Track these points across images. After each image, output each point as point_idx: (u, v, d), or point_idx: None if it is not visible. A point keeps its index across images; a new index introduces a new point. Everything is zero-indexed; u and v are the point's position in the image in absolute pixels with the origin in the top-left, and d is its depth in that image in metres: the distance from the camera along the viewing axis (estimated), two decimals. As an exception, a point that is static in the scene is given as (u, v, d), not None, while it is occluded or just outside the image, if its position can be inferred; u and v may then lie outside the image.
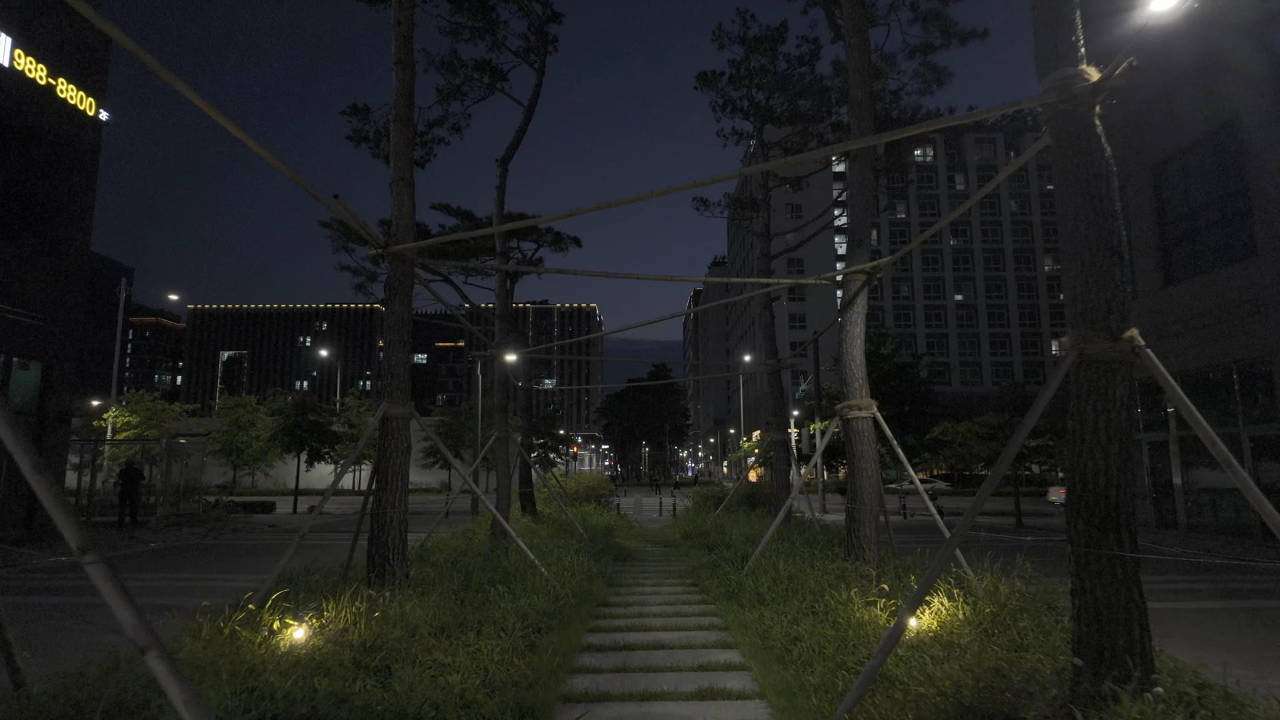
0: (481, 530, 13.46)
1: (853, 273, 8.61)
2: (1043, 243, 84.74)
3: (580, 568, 8.21)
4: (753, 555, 8.39)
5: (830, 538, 12.08)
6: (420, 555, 10.52)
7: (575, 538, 12.37)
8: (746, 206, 17.87)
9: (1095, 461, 4.18)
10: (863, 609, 6.09)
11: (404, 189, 8.13)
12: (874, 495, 8.33)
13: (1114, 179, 4.49)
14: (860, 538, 8.21)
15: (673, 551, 13.08)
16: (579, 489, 20.47)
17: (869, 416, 8.45)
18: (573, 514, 16.99)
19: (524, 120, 14.79)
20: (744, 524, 13.78)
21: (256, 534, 19.25)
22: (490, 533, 12.89)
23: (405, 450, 7.70)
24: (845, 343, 8.64)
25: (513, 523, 15.40)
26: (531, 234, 18.97)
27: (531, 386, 19.02)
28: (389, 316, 7.93)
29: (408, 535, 7.67)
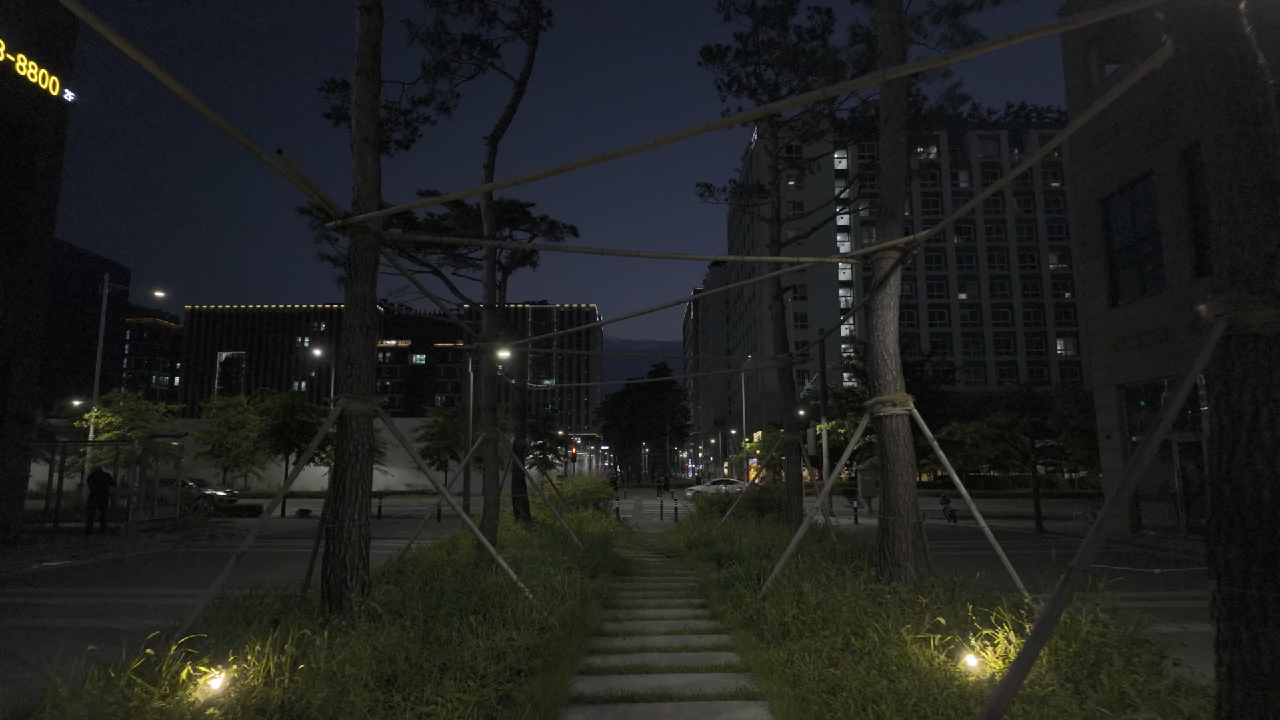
0: (468, 539, 12.37)
1: (884, 249, 7.51)
2: (1047, 241, 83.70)
3: (572, 589, 7.10)
4: (770, 574, 7.27)
5: (850, 548, 10.99)
6: (398, 568, 9.46)
7: (570, 549, 11.27)
8: (753, 192, 16.77)
9: (1256, 469, 3.07)
10: (914, 647, 4.98)
11: (367, 151, 7.03)
12: (911, 504, 7.23)
13: (1271, 94, 3.37)
14: (895, 554, 7.11)
15: (676, 564, 11.97)
16: (575, 492, 19.37)
17: (904, 414, 7.34)
18: (569, 521, 15.90)
19: (514, 96, 13.69)
20: (754, 532, 12.67)
21: (235, 540, 18.15)
22: (476, 542, 11.80)
23: (366, 453, 6.60)
24: (876, 329, 7.54)
25: (504, 530, 14.30)
26: (525, 221, 17.87)
27: (526, 385, 17.92)
28: (349, 297, 6.83)
29: (369, 552, 6.57)
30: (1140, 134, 18.79)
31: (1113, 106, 19.66)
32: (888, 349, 7.46)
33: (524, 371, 17.35)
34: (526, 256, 19.58)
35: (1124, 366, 19.57)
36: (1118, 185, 19.82)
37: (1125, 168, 19.41)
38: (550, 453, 57.87)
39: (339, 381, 6.68)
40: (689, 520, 17.31)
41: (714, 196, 16.86)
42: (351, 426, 6.54)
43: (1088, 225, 21.25)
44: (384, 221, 7.36)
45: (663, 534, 18.32)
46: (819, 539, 12.58)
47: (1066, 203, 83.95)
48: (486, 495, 11.81)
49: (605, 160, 4.81)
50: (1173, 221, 17.80)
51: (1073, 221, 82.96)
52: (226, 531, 20.16)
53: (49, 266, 16.38)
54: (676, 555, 12.82)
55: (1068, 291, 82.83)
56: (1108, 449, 20.48)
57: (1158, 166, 18.17)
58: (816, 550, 10.98)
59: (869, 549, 11.34)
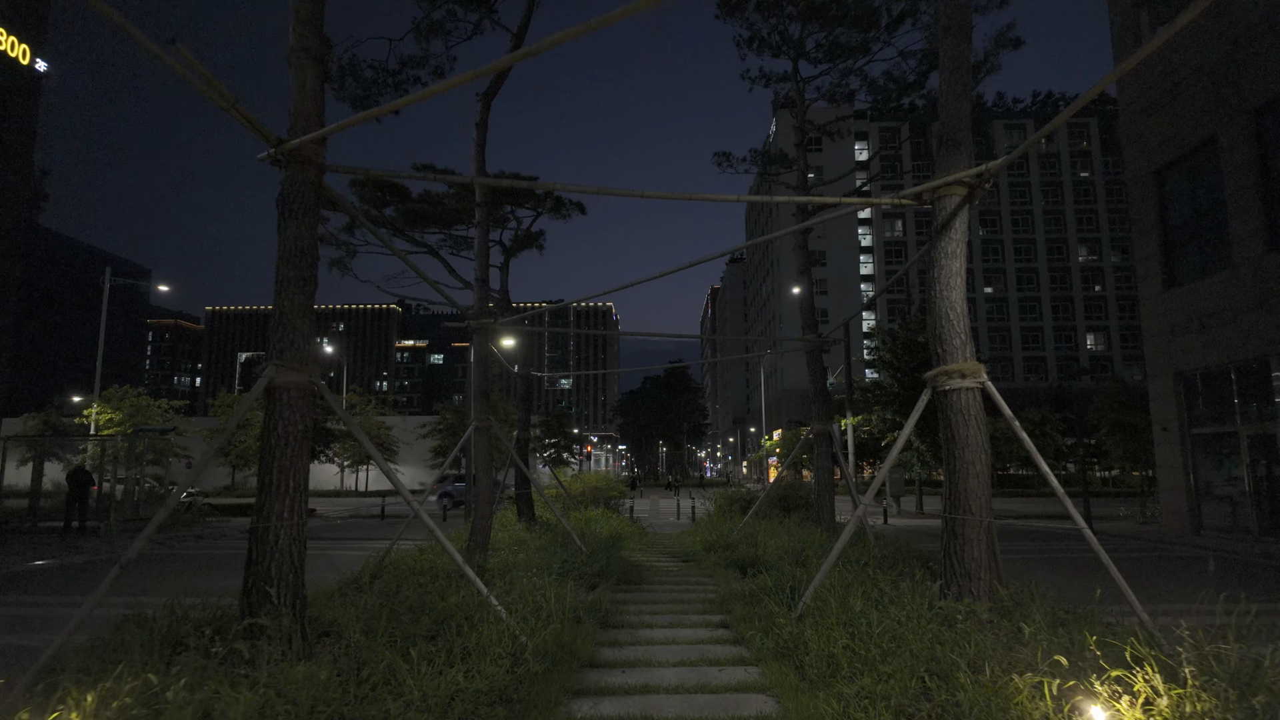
0: (461, 540, 11.06)
1: (947, 184, 6.05)
2: (1076, 232, 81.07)
3: (561, 605, 5.69)
4: (808, 587, 5.83)
5: (891, 551, 9.53)
6: (371, 576, 8.17)
7: (571, 553, 9.90)
8: (776, 161, 15.30)
9: None
10: (1024, 696, 3.53)
11: (307, 63, 5.68)
12: (985, 501, 5.76)
13: None
14: (966, 562, 5.64)
15: (693, 569, 10.55)
16: (584, 490, 18.00)
17: (975, 387, 5.88)
18: (575, 521, 14.54)
19: (512, 49, 12.35)
20: (780, 534, 11.21)
21: (222, 541, 17.01)
22: (468, 546, 10.47)
23: (301, 436, 5.26)
24: (938, 284, 6.07)
25: (503, 531, 12.97)
26: (528, 198, 16.54)
27: (530, 373, 16.60)
28: (283, 242, 5.49)
29: (304, 560, 5.24)
30: (1202, 95, 17.05)
31: (1170, 68, 17.93)
32: (953, 307, 5.99)
33: (529, 359, 16.01)
34: (531, 239, 18.26)
35: (1183, 352, 17.83)
36: (1174, 154, 18.08)
37: (1184, 134, 17.68)
38: (565, 451, 56.70)
39: (269, 346, 5.35)
40: (707, 520, 15.87)
41: (733, 166, 15.40)
42: (282, 402, 5.21)
43: (1140, 200, 19.51)
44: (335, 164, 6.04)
45: (678, 535, 16.90)
46: (855, 540, 11.12)
47: (1096, 193, 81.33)
48: (478, 493, 10.48)
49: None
50: (1241, 190, 16.07)
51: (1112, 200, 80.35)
52: (217, 532, 19.04)
53: (21, 251, 15.32)
54: (693, 560, 11.39)
55: (1098, 284, 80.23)
56: (1164, 443, 18.71)
57: (1223, 130, 16.44)
58: (854, 554, 9.53)
59: (915, 554, 9.86)
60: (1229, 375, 16.67)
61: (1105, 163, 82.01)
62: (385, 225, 16.60)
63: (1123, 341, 79.22)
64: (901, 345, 28.41)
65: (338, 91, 13.15)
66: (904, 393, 27.87)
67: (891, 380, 28.43)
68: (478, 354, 10.62)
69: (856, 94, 14.71)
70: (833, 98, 14.55)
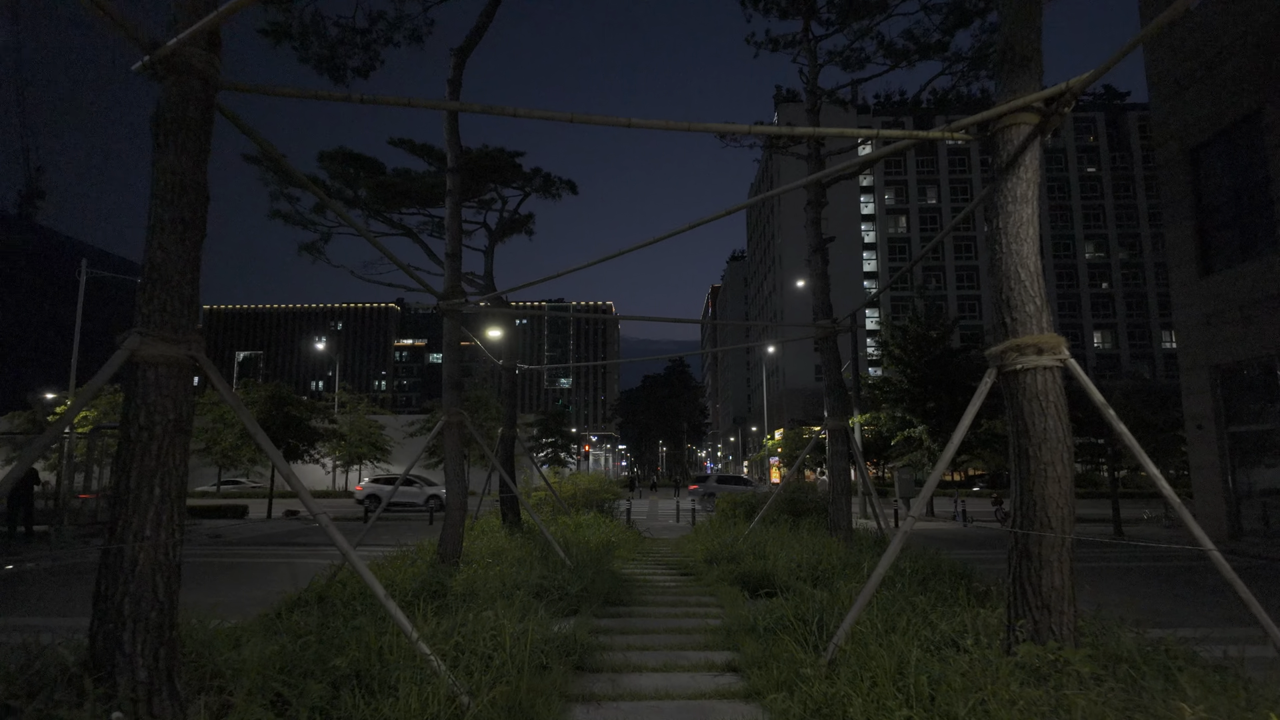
0: (432, 547, 9.78)
1: (1012, 111, 4.77)
2: (1083, 229, 79.74)
3: (517, 649, 4.36)
4: (840, 627, 4.51)
5: (920, 564, 8.25)
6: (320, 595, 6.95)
7: (553, 566, 8.62)
8: (784, 135, 13.98)
9: None
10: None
11: (192, -56, 4.38)
12: (1068, 513, 4.48)
13: None
14: (1043, 591, 4.35)
15: (693, 585, 9.25)
16: (576, 492, 16.69)
17: (1055, 366, 4.59)
18: (563, 527, 13.25)
19: (491, 3, 11.07)
20: (791, 544, 9.92)
21: (184, 549, 15.73)
22: (435, 557, 9.19)
23: (173, 428, 3.96)
24: (1004, 235, 4.79)
25: (483, 538, 11.68)
26: (515, 176, 15.25)
27: (516, 367, 15.32)
28: (158, 175, 4.19)
29: (177, 594, 3.97)
30: (1247, 65, 15.74)
31: (1210, 36, 16.62)
32: (1024, 264, 4.69)
33: (527, 357, 14.68)
34: (519, 222, 16.97)
35: (1221, 344, 16.53)
36: (1212, 131, 16.78)
37: (1224, 108, 16.37)
38: (563, 451, 55.36)
39: (136, 309, 4.06)
40: (708, 526, 14.57)
41: (738, 142, 14.12)
42: (147, 382, 3.92)
43: (1171, 182, 18.20)
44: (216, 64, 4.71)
45: (677, 541, 15.61)
46: (875, 549, 9.81)
47: (1103, 189, 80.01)
48: (449, 496, 9.19)
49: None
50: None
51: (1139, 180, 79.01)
52: (186, 536, 17.76)
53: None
54: (693, 573, 10.09)
55: (1105, 282, 78.94)
56: (1199, 441, 17.41)
57: (1271, 101, 15.14)
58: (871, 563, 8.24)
59: (947, 566, 8.57)
60: (1273, 368, 15.38)
61: (1113, 158, 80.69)
62: (360, 206, 15.33)
63: (1130, 339, 77.92)
64: (912, 340, 27.18)
65: (300, 53, 11.86)
66: (914, 389, 26.61)
67: (901, 376, 27.18)
68: (449, 339, 9.34)
69: (871, 60, 13.41)
70: (845, 63, 13.25)
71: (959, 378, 26.50)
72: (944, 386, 26.09)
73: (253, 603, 7.98)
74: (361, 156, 13.80)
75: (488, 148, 14.33)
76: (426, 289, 9.26)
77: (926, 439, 25.99)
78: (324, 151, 13.48)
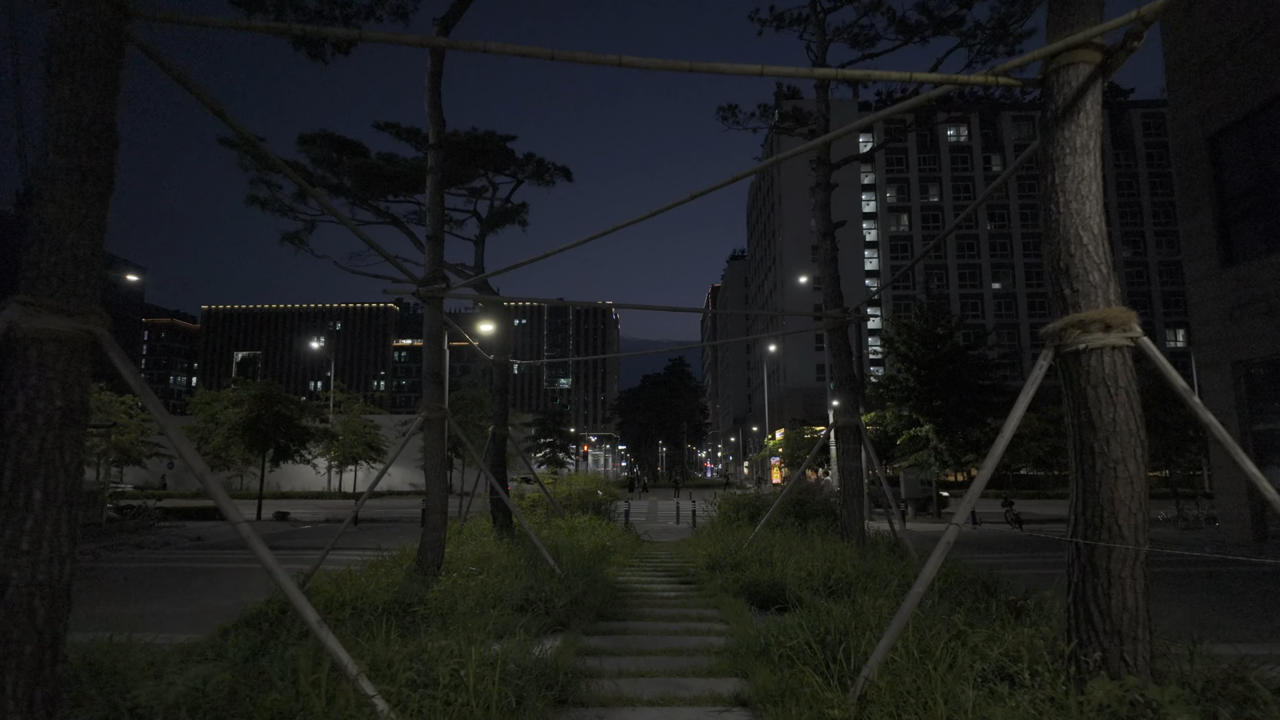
0: (410, 555, 9.06)
1: (1070, 49, 4.05)
2: (1086, 227, 79.00)
3: (485, 683, 3.63)
4: (872, 657, 3.79)
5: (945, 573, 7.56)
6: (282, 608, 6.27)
7: (542, 574, 7.90)
8: (790, 118, 13.29)
9: None
10: None
11: None
12: (1141, 520, 3.76)
13: None
14: (1114, 613, 3.64)
15: (694, 595, 8.51)
16: (570, 493, 15.95)
17: (1124, 345, 3.87)
18: (556, 531, 12.54)
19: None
20: (800, 550, 9.20)
21: (163, 552, 15.04)
22: (414, 565, 8.47)
23: (60, 418, 3.24)
24: (1062, 193, 4.07)
25: (471, 543, 10.95)
26: (506, 161, 14.54)
27: (508, 361, 14.61)
28: (52, 114, 3.48)
29: (64, 625, 3.24)
30: (1273, 46, 15.03)
31: (1236, 14, 15.90)
32: (1087, 226, 3.97)
33: (506, 346, 14.05)
34: (513, 212, 16.26)
35: (1244, 339, 15.80)
36: (1234, 115, 16.04)
37: (1247, 91, 15.64)
38: (562, 451, 54.66)
39: (20, 273, 3.34)
40: (710, 529, 13.84)
41: (739, 123, 13.40)
42: (28, 362, 3.21)
43: (1190, 169, 17.47)
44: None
45: (677, 545, 14.89)
46: (893, 556, 9.10)
47: (1105, 187, 79.19)
48: (429, 500, 8.47)
49: None
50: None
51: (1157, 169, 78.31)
52: (163, 539, 17.05)
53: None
54: (694, 581, 9.36)
55: (1109, 280, 78.13)
56: (1220, 440, 16.67)
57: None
58: (895, 578, 7.53)
59: (970, 574, 7.86)
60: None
61: (1116, 156, 79.97)
62: (345, 194, 14.61)
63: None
64: (918, 337, 26.42)
65: (273, 20, 11.14)
66: (921, 388, 25.84)
67: (908, 374, 26.42)
68: (430, 329, 8.62)
69: (882, 36, 12.69)
70: (855, 40, 12.53)
71: (967, 376, 25.77)
72: (952, 385, 25.35)
73: (220, 614, 7.27)
74: (344, 140, 13.08)
75: (477, 130, 13.61)
76: (407, 275, 8.54)
77: (934, 438, 25.25)
78: (305, 135, 12.77)
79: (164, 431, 3.68)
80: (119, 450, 26.44)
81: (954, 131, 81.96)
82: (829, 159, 10.68)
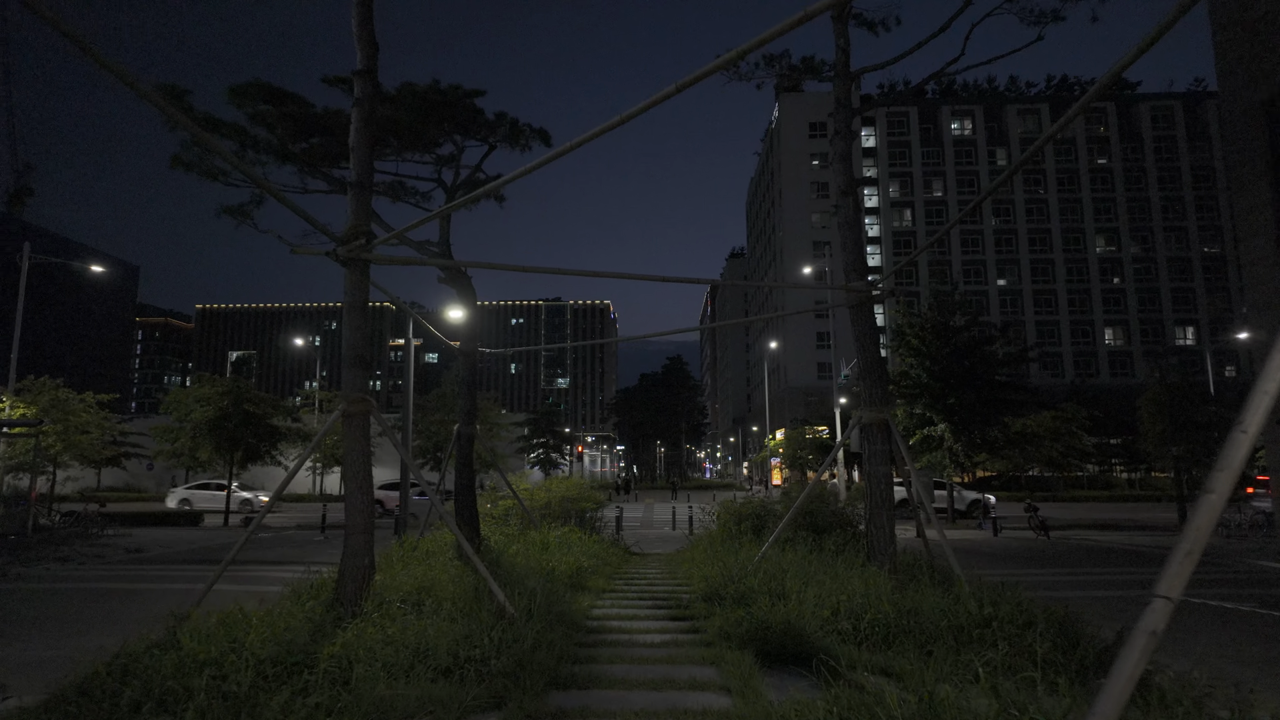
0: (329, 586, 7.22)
1: None
2: (1093, 222, 77.18)
3: None
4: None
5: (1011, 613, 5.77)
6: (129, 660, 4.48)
7: (487, 619, 6.07)
8: (804, 71, 11.46)
9: None
10: None
11: None
12: None
13: None
14: None
15: (688, 641, 6.65)
16: (551, 501, 14.07)
17: None
18: (529, 545, 10.74)
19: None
20: (819, 576, 7.38)
21: (88, 567, 13.22)
22: (331, 599, 6.66)
23: None
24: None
25: (420, 564, 9.13)
26: (474, 122, 12.72)
27: (476, 350, 12.80)
28: None
29: None
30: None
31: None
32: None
33: (475, 334, 12.25)
34: (484, 184, 14.44)
35: (1309, 325, 14.01)
36: (1297, 76, 14.26)
37: (1314, 47, 13.85)
38: (555, 451, 52.77)
39: None
40: (708, 541, 11.99)
41: (742, 75, 11.56)
42: None
43: (1241, 140, 15.52)
44: None
45: (671, 559, 13.06)
46: (936, 587, 7.26)
47: (1114, 181, 77.49)
48: (348, 515, 6.65)
49: None
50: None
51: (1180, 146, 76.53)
52: (96, 550, 15.17)
53: None
54: (689, 616, 7.51)
55: (1116, 277, 76.37)
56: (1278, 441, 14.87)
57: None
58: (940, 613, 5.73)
59: (1040, 612, 6.08)
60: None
61: (1124, 149, 78.28)
62: (295, 161, 12.77)
63: (1143, 336, 75.39)
64: (931, 330, 24.63)
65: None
66: (935, 384, 24.05)
67: (920, 370, 24.62)
68: (351, 299, 6.79)
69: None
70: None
71: (984, 371, 23.97)
72: (968, 380, 23.55)
73: (93, 654, 5.34)
74: (281, 90, 11.27)
75: (439, 83, 11.78)
76: (322, 230, 6.70)
77: (949, 438, 23.45)
78: (235, 85, 10.93)
79: None
80: (77, 451, 24.60)
81: (958, 125, 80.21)
82: (850, 100, 8.85)
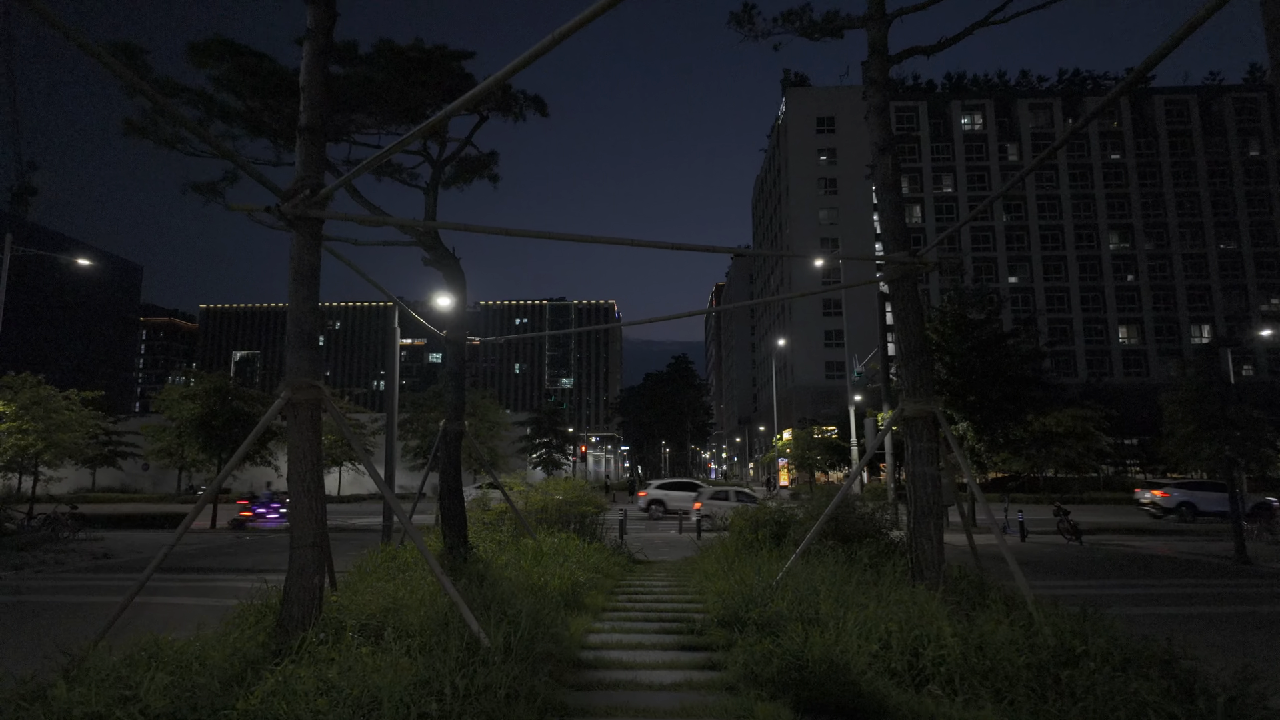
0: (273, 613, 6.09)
1: None
2: (1106, 218, 75.69)
3: None
4: None
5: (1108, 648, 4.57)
6: None
7: (459, 654, 4.92)
8: (822, 27, 10.27)
9: None
10: None
11: None
12: None
13: None
14: None
15: (705, 682, 5.48)
16: (547, 504, 12.88)
17: None
18: (521, 555, 9.60)
19: None
20: (857, 596, 6.20)
21: (42, 576, 12.14)
22: (279, 618, 5.52)
23: None
24: None
25: (394, 578, 7.99)
26: (461, 86, 11.56)
27: (464, 339, 11.67)
28: None
29: None
30: None
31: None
32: None
33: (462, 322, 11.09)
34: (478, 165, 13.33)
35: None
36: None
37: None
38: (558, 451, 51.62)
39: None
40: (720, 551, 10.79)
41: (758, 33, 10.36)
42: None
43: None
44: None
45: (679, 568, 11.87)
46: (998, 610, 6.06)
47: (1127, 176, 75.99)
48: (293, 524, 5.50)
49: None
50: None
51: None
52: (57, 557, 14.08)
53: None
54: (702, 646, 6.34)
55: (1130, 274, 74.89)
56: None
57: None
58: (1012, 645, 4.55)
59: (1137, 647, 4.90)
60: None
61: (1138, 144, 76.77)
62: (268, 133, 11.66)
63: (1158, 334, 73.88)
64: (952, 324, 23.38)
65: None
66: (954, 380, 22.81)
67: (939, 365, 23.40)
68: (299, 264, 5.64)
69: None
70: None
71: (1007, 366, 22.68)
72: (989, 377, 22.29)
73: None
74: (248, 49, 10.16)
75: (422, 43, 10.63)
76: (265, 184, 5.56)
77: (971, 437, 22.21)
78: (195, 42, 9.84)
79: None
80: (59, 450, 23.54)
81: (968, 119, 78.84)
82: (884, 47, 7.69)
